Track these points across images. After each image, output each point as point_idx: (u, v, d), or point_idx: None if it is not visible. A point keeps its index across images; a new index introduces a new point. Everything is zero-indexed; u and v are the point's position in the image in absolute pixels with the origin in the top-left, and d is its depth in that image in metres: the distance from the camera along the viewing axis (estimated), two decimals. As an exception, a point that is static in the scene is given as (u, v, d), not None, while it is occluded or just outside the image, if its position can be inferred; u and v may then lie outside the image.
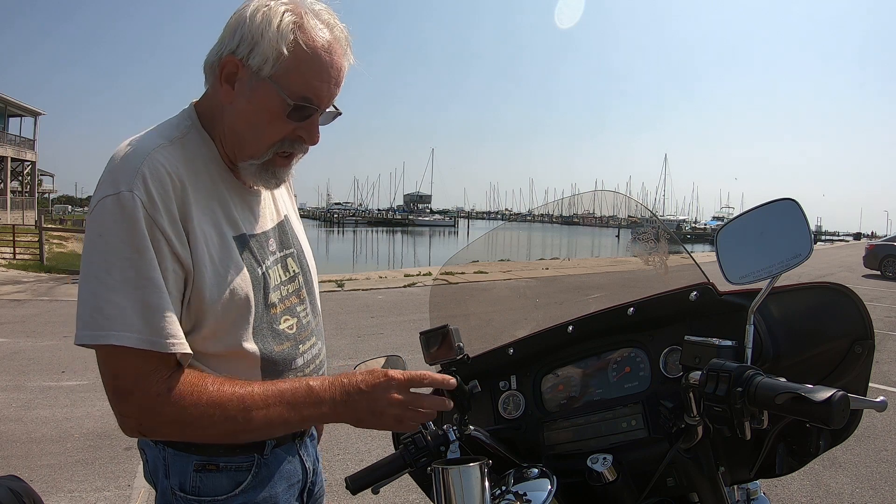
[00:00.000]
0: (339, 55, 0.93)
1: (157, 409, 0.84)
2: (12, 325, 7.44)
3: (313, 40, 0.90)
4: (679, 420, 0.93)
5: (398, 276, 14.04)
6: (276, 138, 0.94)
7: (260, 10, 0.89)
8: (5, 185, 31.88)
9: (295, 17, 0.90)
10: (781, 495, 3.08)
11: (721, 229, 1.02)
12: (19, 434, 3.89)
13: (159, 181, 0.86)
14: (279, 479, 1.03)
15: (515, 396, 1.22)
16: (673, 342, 1.04)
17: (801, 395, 0.69)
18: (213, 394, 0.86)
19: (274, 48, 0.88)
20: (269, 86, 0.90)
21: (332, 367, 6.17)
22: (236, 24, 0.91)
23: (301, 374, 1.04)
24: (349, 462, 3.46)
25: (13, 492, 1.06)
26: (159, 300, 0.83)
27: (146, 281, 0.83)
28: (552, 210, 63.39)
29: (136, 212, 0.83)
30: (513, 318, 1.46)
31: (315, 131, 0.97)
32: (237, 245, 0.96)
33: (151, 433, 0.90)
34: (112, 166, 0.88)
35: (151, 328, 0.82)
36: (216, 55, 0.93)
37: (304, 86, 0.91)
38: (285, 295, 1.04)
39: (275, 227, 1.07)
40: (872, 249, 16.10)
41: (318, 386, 0.91)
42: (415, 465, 1.01)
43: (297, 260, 1.10)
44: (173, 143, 0.93)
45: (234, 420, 0.87)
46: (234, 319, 0.93)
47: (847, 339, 0.95)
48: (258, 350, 0.96)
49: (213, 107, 0.98)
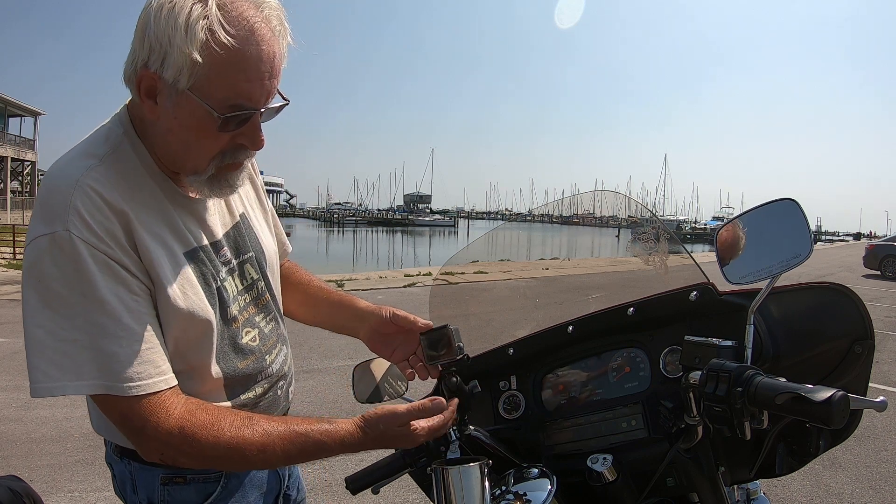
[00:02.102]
0: (269, 42, 0.78)
1: (174, 446, 0.80)
2: (12, 325, 7.42)
3: (233, 33, 0.75)
4: (679, 420, 0.93)
5: (398, 276, 14.03)
6: (214, 152, 0.84)
7: (164, 6, 0.74)
8: (5, 185, 31.88)
9: (204, 7, 0.74)
10: (781, 495, 3.08)
11: (721, 229, 1.02)
12: (19, 434, 3.89)
13: (96, 209, 0.78)
14: (250, 489, 1.01)
15: (515, 396, 1.22)
16: (673, 342, 1.04)
17: (801, 395, 0.69)
18: (231, 438, 0.81)
19: (185, 55, 0.73)
20: (192, 98, 0.77)
21: (331, 366, 6.12)
22: (144, 27, 0.77)
23: (269, 384, 1.01)
24: (349, 462, 3.45)
25: (13, 492, 1.06)
26: (119, 346, 0.77)
27: (100, 329, 0.76)
28: (552, 210, 63.41)
29: (78, 254, 0.75)
30: (513, 318, 1.46)
31: (257, 136, 0.84)
32: (189, 262, 0.88)
33: (174, 463, 0.84)
34: (42, 199, 0.79)
35: (106, 374, 0.76)
36: (131, 66, 0.80)
37: (231, 91, 0.78)
38: (243, 306, 0.98)
39: (228, 231, 0.98)
40: (872, 249, 16.09)
41: (337, 425, 0.88)
42: (415, 465, 1.01)
43: (256, 264, 1.02)
44: (103, 162, 0.82)
45: (253, 464, 0.85)
46: (195, 339, 0.88)
47: (847, 339, 0.95)
48: (220, 371, 0.92)
49: (142, 118, 0.86)
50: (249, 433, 0.82)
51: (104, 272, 0.77)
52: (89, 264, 0.76)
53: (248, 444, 0.82)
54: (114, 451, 0.97)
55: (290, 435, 0.84)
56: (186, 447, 0.80)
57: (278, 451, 0.83)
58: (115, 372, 0.76)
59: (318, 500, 3.05)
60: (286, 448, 0.84)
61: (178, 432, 0.80)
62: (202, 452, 0.81)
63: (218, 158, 0.85)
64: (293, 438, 0.84)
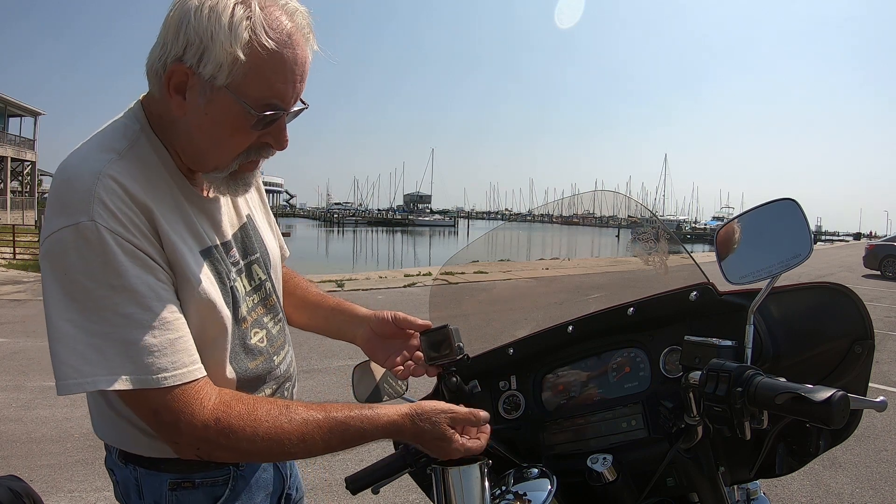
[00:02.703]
0: (302, 47, 0.81)
1: (210, 439, 0.79)
2: (12, 325, 7.41)
3: (273, 36, 0.77)
4: (679, 420, 0.93)
5: (398, 276, 14.03)
6: (241, 149, 0.85)
7: (205, 4, 0.76)
8: (5, 185, 31.87)
9: (247, 9, 0.76)
10: (781, 495, 3.08)
11: (720, 229, 1.02)
12: (19, 434, 3.89)
13: (119, 199, 0.77)
14: (257, 490, 1.01)
15: (515, 396, 1.22)
16: (673, 342, 1.04)
17: (801, 395, 0.69)
18: (269, 429, 0.81)
19: (228, 52, 0.75)
20: (227, 96, 0.79)
21: (331, 366, 6.12)
22: (179, 22, 0.77)
23: (277, 385, 1.01)
24: (349, 462, 3.45)
25: (13, 492, 1.06)
26: (150, 336, 0.76)
27: (129, 321, 0.75)
28: (552, 210, 63.38)
29: (106, 244, 0.75)
30: (513, 318, 1.46)
31: (283, 136, 0.87)
32: (205, 260, 0.88)
33: (209, 457, 0.83)
34: (60, 192, 0.78)
35: (139, 366, 0.75)
36: (160, 60, 0.80)
37: (268, 91, 0.80)
38: (252, 306, 0.98)
39: (236, 232, 0.99)
40: (872, 249, 16.09)
41: (376, 414, 0.87)
42: (415, 465, 1.01)
43: (263, 265, 1.03)
44: (123, 157, 0.82)
45: (293, 454, 0.84)
46: (212, 338, 0.88)
47: (847, 339, 0.95)
48: (233, 372, 0.92)
49: (162, 114, 0.86)
50: (287, 423, 0.82)
51: (133, 261, 0.77)
52: (117, 254, 0.75)
53: (286, 435, 0.82)
54: (118, 457, 0.95)
55: (329, 423, 0.84)
56: (223, 439, 0.79)
57: (318, 439, 0.83)
58: (147, 364, 0.76)
59: (318, 500, 3.04)
60: (326, 437, 0.84)
61: (215, 424, 0.79)
62: (239, 446, 0.80)
63: (242, 156, 0.87)
64: (333, 427, 0.84)
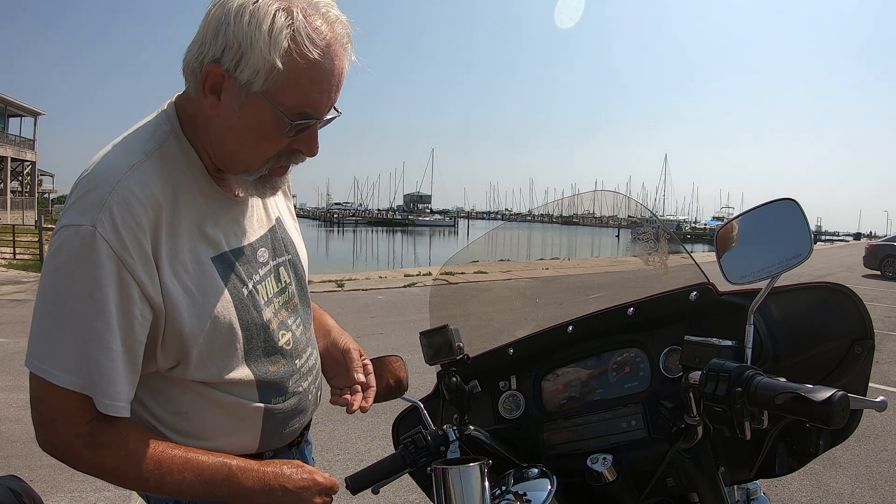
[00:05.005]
0: (340, 57, 0.81)
1: (74, 448, 0.81)
2: (12, 325, 7.41)
3: (312, 46, 0.77)
4: (679, 420, 0.93)
5: (398, 276, 14.04)
6: (271, 154, 0.86)
7: (247, 9, 0.76)
8: (5, 185, 31.87)
9: (289, 17, 0.76)
10: (781, 495, 3.08)
11: (720, 229, 1.02)
12: (19, 434, 3.89)
13: (129, 214, 0.78)
14: None
15: (515, 396, 1.22)
16: (673, 342, 1.04)
17: (801, 395, 0.69)
18: (131, 452, 0.82)
19: (266, 60, 0.75)
20: (262, 102, 0.79)
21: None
22: (218, 23, 0.77)
23: (300, 388, 1.02)
24: (349, 462, 3.45)
25: (13, 492, 1.06)
26: (104, 357, 0.78)
27: (92, 332, 0.77)
28: (552, 210, 63.40)
29: (96, 254, 0.76)
30: (513, 318, 1.46)
31: (314, 144, 0.88)
32: (218, 267, 0.89)
33: (65, 462, 0.84)
34: (81, 188, 0.80)
35: (89, 382, 0.78)
36: (196, 60, 0.80)
37: (303, 100, 0.80)
38: (277, 308, 0.98)
39: (266, 233, 1.00)
40: (872, 249, 16.08)
41: (240, 473, 0.88)
42: (415, 465, 1.02)
43: (291, 267, 1.04)
44: (149, 158, 0.83)
45: (147, 482, 0.84)
46: (220, 346, 0.88)
47: (847, 339, 0.95)
48: (252, 374, 0.92)
49: (195, 114, 0.87)
50: (152, 449, 0.83)
51: (116, 281, 0.78)
52: (104, 267, 0.76)
53: (145, 460, 0.82)
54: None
55: (194, 464, 0.85)
56: (86, 451, 0.81)
57: (175, 468, 0.84)
58: (93, 382, 0.78)
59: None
60: (183, 471, 0.84)
61: (87, 435, 0.81)
62: (100, 461, 0.82)
63: (272, 161, 0.87)
64: (196, 468, 0.85)
